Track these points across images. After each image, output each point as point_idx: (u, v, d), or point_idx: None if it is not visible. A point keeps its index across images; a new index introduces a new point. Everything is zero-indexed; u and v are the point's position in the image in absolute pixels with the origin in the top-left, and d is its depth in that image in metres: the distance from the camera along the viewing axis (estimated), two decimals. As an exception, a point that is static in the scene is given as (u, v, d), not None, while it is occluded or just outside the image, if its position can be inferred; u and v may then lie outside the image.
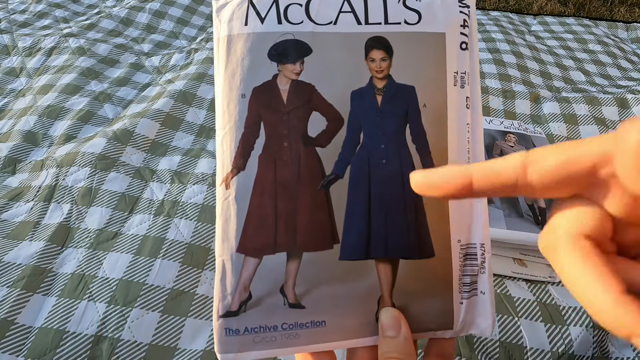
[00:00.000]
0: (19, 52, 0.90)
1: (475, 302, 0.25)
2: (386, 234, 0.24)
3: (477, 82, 0.26)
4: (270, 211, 0.24)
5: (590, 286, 0.15)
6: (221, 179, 0.24)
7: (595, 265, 0.15)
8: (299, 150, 0.24)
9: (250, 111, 0.24)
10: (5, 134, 0.70)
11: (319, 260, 0.24)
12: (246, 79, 0.24)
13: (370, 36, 0.25)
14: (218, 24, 0.25)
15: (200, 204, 0.57)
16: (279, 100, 0.25)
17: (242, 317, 0.24)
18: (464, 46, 0.26)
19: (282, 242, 0.24)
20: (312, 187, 0.24)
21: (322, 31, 0.25)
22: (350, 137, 0.25)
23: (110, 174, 0.60)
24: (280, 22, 0.25)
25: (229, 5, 0.25)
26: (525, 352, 0.43)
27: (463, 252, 0.25)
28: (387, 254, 0.24)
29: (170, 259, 0.50)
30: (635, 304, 0.14)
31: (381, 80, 0.25)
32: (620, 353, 0.45)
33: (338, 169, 0.24)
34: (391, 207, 0.24)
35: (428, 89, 0.25)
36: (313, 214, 0.24)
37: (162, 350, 0.43)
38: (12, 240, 0.52)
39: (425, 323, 0.25)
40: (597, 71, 0.95)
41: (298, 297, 0.24)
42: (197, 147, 0.69)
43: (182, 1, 1.10)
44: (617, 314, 0.14)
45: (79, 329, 0.43)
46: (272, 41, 0.25)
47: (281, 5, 0.25)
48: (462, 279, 0.25)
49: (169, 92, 0.76)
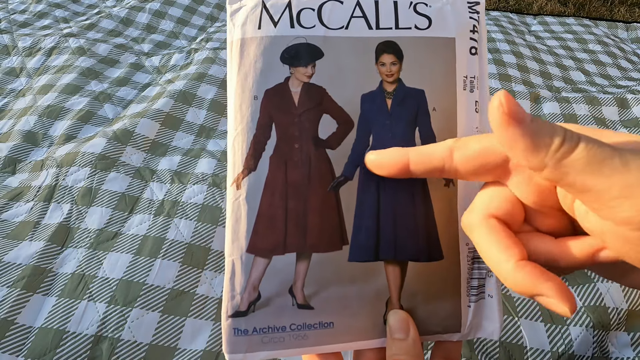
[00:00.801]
0: (19, 52, 0.90)
1: (482, 306, 0.25)
2: (395, 235, 0.24)
3: (486, 86, 0.27)
4: (281, 212, 0.24)
5: (496, 256, 0.18)
6: (232, 179, 0.24)
7: (499, 239, 0.18)
8: (309, 152, 0.25)
9: (262, 112, 0.25)
10: (5, 134, 0.70)
11: (328, 261, 0.24)
12: (259, 81, 0.25)
13: (381, 41, 0.25)
14: (232, 27, 0.26)
15: (200, 204, 0.57)
16: (291, 103, 0.25)
17: (250, 317, 0.24)
18: (473, 51, 0.26)
19: (292, 243, 0.24)
20: (322, 189, 0.24)
21: (333, 35, 0.25)
22: (359, 139, 0.25)
23: (110, 174, 0.60)
24: (293, 26, 0.25)
25: (242, 10, 0.26)
26: (525, 352, 0.43)
27: (471, 256, 0.25)
28: (396, 255, 0.24)
29: (170, 259, 0.50)
30: (529, 267, 0.17)
31: (391, 84, 0.25)
32: (620, 353, 0.45)
33: (347, 171, 0.25)
34: (400, 210, 0.25)
35: (438, 92, 0.25)
36: (323, 215, 0.24)
37: (162, 350, 0.43)
38: (12, 240, 0.52)
39: (432, 326, 0.25)
40: (597, 71, 0.95)
41: (307, 297, 0.24)
42: (197, 147, 0.69)
43: (182, 1, 1.10)
44: (516, 277, 0.17)
45: (79, 329, 0.43)
46: (284, 44, 0.25)
47: (294, 9, 0.25)
48: (469, 282, 0.25)
49: (169, 92, 0.76)
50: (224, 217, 0.55)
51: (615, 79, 0.92)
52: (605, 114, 0.76)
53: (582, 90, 0.86)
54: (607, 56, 1.00)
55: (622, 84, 0.90)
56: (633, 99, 0.77)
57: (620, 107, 0.77)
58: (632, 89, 0.85)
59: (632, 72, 0.96)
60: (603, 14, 2.03)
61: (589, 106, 0.78)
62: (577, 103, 0.78)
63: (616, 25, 1.18)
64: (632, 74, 0.95)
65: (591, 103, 0.78)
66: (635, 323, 0.46)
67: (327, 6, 0.25)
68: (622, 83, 0.91)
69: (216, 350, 0.44)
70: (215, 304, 0.47)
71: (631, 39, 1.13)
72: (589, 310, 0.46)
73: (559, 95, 0.84)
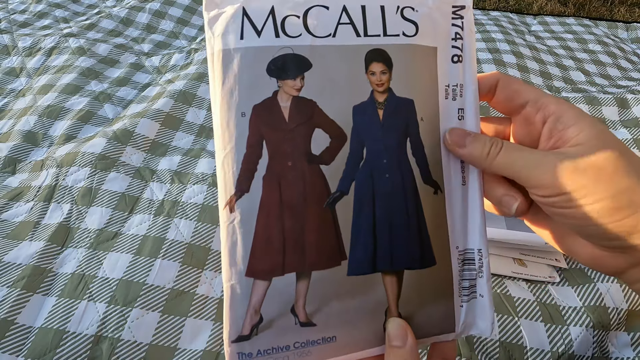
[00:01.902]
0: (19, 52, 0.90)
1: (474, 305, 0.26)
2: (391, 246, 0.25)
3: (472, 91, 0.26)
4: (277, 232, 0.23)
5: None
6: (224, 202, 0.24)
7: None
8: (303, 169, 0.24)
9: (251, 130, 0.24)
10: (5, 134, 0.70)
11: (328, 277, 0.24)
12: (245, 96, 0.24)
13: (370, 49, 0.25)
14: (211, 37, 0.24)
15: (200, 204, 0.57)
16: (281, 118, 0.24)
17: (254, 341, 0.23)
18: (455, 59, 0.26)
19: (291, 263, 0.24)
20: (318, 206, 0.24)
21: (321, 44, 0.24)
22: (353, 153, 0.24)
23: (110, 174, 0.60)
24: (278, 36, 0.24)
25: (222, 17, 0.24)
26: (525, 352, 0.43)
27: (461, 258, 0.26)
28: (392, 266, 0.25)
29: (170, 259, 0.50)
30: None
31: (382, 94, 0.25)
32: (620, 353, 0.45)
33: (343, 186, 0.24)
34: (395, 220, 0.25)
35: (424, 102, 0.25)
36: (320, 232, 0.24)
37: (162, 350, 0.43)
38: (12, 240, 0.52)
39: (429, 328, 0.25)
40: (597, 71, 0.95)
41: (309, 315, 0.24)
42: (197, 147, 0.69)
43: (182, 1, 1.10)
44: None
45: (79, 329, 0.43)
46: (270, 56, 0.24)
47: (278, 17, 0.24)
48: (461, 284, 0.26)
49: (169, 92, 0.76)
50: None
51: (615, 79, 0.92)
52: (605, 114, 0.76)
53: (582, 90, 0.86)
54: (607, 56, 1.00)
55: (622, 84, 0.90)
56: (633, 99, 0.77)
57: (620, 107, 0.77)
58: (632, 89, 0.85)
59: (632, 72, 0.96)
60: (603, 14, 2.03)
61: (589, 106, 0.78)
62: (577, 103, 0.78)
63: (616, 25, 1.18)
64: (632, 74, 0.95)
65: (591, 103, 0.78)
66: (635, 323, 0.46)
67: (313, 12, 0.24)
68: (622, 83, 0.90)
69: (216, 350, 0.44)
70: (215, 304, 0.47)
71: (631, 39, 1.13)
72: (589, 310, 0.46)
73: (559, 95, 0.84)
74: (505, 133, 0.28)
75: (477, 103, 0.26)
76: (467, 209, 0.26)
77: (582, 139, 0.23)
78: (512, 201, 0.25)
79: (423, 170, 0.25)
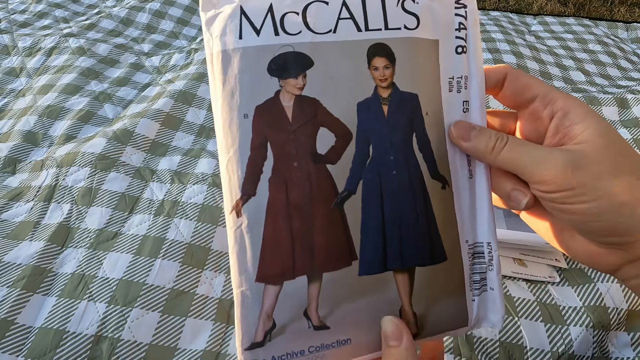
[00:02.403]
0: (19, 52, 0.90)
1: (486, 298, 0.26)
2: (401, 244, 0.24)
3: (478, 83, 0.26)
4: (286, 235, 0.23)
5: None
6: (230, 206, 0.23)
7: None
8: (309, 169, 0.23)
9: (255, 132, 0.23)
10: (5, 134, 0.70)
11: (339, 278, 0.23)
12: (247, 97, 0.23)
13: (372, 43, 0.24)
14: (209, 38, 0.24)
15: (200, 204, 0.57)
16: (284, 118, 0.23)
17: (268, 347, 0.23)
18: (459, 50, 0.25)
19: (301, 266, 0.23)
20: (326, 206, 0.23)
21: (321, 40, 0.24)
22: (359, 151, 0.24)
23: (110, 174, 0.60)
24: (277, 34, 0.23)
25: (219, 17, 0.24)
26: (525, 352, 0.43)
27: (471, 252, 0.26)
28: (403, 264, 0.24)
29: (170, 259, 0.50)
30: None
31: (386, 89, 0.24)
32: (620, 353, 0.45)
33: (350, 185, 0.24)
34: (404, 218, 0.24)
35: (428, 96, 0.25)
36: (329, 233, 0.23)
37: (162, 350, 0.43)
38: (12, 240, 0.52)
39: (443, 324, 0.25)
40: (597, 71, 0.95)
41: (322, 318, 0.23)
42: (197, 147, 0.69)
43: (182, 1, 1.10)
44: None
45: (79, 329, 0.43)
46: (270, 55, 0.23)
47: (276, 14, 0.23)
48: (472, 277, 0.26)
49: (169, 92, 0.76)
50: (224, 217, 0.55)
51: (615, 79, 0.92)
52: (605, 114, 0.76)
53: (582, 90, 0.86)
54: (607, 56, 1.00)
55: (622, 84, 0.90)
56: (633, 99, 0.77)
57: (620, 107, 0.77)
58: (632, 89, 0.85)
59: (632, 72, 0.96)
60: (603, 14, 2.03)
61: (589, 106, 0.77)
62: (577, 103, 0.78)
63: (616, 25, 1.18)
64: (632, 74, 0.95)
65: (591, 103, 0.78)
66: (635, 323, 0.46)
67: (312, 8, 0.24)
68: (622, 83, 0.90)
69: (216, 350, 0.44)
70: (216, 304, 0.47)
71: (631, 39, 1.13)
72: (589, 310, 0.46)
73: (559, 95, 0.84)
74: (510, 127, 0.28)
75: (484, 95, 0.26)
76: (475, 202, 0.26)
77: (587, 137, 0.23)
78: (521, 196, 0.25)
79: (430, 165, 0.25)
